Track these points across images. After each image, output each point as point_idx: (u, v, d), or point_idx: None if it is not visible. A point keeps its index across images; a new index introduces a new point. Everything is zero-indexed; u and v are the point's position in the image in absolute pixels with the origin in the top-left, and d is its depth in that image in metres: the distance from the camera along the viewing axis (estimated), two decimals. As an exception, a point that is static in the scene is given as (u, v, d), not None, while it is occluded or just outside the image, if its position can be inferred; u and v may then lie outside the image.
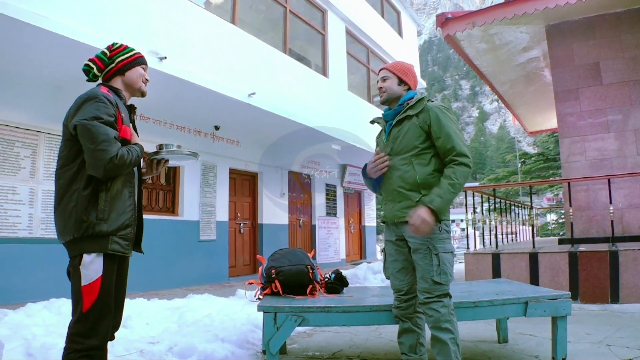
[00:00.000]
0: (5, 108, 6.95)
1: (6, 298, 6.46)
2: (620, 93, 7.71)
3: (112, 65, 2.53)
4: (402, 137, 2.97)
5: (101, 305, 2.22)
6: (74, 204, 2.22)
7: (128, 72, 2.55)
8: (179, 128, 9.72)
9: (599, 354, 3.79)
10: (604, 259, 6.32)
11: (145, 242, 2.55)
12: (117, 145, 2.22)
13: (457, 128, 2.93)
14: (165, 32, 7.56)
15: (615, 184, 7.18)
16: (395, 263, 3.07)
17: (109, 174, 2.21)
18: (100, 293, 2.21)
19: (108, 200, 2.26)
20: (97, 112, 2.22)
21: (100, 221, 2.22)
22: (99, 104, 2.25)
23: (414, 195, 2.88)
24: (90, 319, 2.19)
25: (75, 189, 2.24)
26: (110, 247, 2.24)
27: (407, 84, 3.11)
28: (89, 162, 2.19)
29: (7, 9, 5.40)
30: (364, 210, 18.27)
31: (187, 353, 3.84)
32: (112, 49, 2.57)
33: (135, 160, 2.31)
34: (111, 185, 2.28)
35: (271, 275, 3.85)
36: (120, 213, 2.29)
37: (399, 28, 18.09)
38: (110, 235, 2.24)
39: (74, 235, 2.22)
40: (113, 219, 2.25)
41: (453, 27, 8.02)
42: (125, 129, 2.37)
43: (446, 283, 2.82)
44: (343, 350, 4.22)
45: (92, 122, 2.18)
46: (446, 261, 2.84)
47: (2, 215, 6.85)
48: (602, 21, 7.95)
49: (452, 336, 2.77)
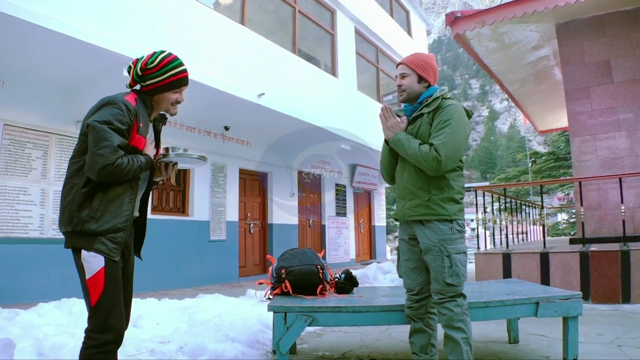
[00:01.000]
0: (16, 109, 7.01)
1: (18, 298, 6.52)
2: (632, 91, 7.65)
3: (144, 84, 2.48)
4: (414, 135, 2.95)
5: (109, 297, 2.22)
6: (71, 198, 2.25)
7: (157, 96, 2.51)
8: (189, 129, 9.76)
9: (610, 354, 3.76)
10: (615, 258, 6.27)
11: (156, 242, 2.58)
12: (118, 153, 2.19)
13: (460, 133, 2.83)
14: (174, 34, 7.59)
15: (627, 183, 7.13)
16: (407, 262, 3.06)
17: (103, 179, 2.20)
18: (105, 284, 2.21)
19: (103, 201, 2.24)
20: (110, 117, 2.21)
21: (90, 219, 2.21)
22: (115, 109, 2.24)
23: (423, 194, 2.87)
24: (101, 312, 2.20)
25: (75, 183, 2.26)
26: (95, 247, 2.21)
27: (427, 80, 3.03)
28: (87, 163, 2.19)
29: (19, 11, 5.45)
30: (373, 210, 18.26)
31: (198, 353, 3.85)
32: (145, 68, 2.46)
33: (135, 170, 2.28)
34: (110, 188, 2.27)
35: (281, 275, 3.85)
36: (114, 216, 2.26)
37: (408, 27, 18.05)
38: (99, 235, 2.21)
39: (66, 228, 2.26)
40: (104, 220, 2.23)
41: (462, 26, 8.00)
42: (139, 139, 2.36)
43: (458, 284, 2.80)
44: (353, 350, 4.22)
45: (102, 125, 2.18)
46: (458, 262, 2.81)
47: (14, 216, 6.92)
48: (613, 19, 7.89)
49: (465, 336, 2.76)
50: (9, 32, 5.86)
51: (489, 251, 7.46)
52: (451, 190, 2.87)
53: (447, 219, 2.84)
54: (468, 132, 2.93)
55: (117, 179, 2.24)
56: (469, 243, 31.65)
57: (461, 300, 2.82)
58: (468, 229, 59.78)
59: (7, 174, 6.91)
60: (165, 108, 2.57)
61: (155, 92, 2.49)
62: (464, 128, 2.87)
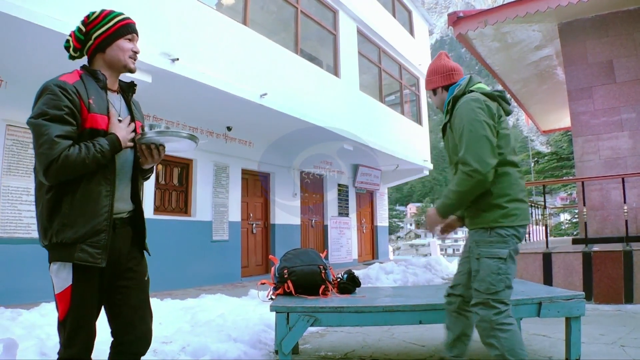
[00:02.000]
0: (18, 109, 7.02)
1: (20, 298, 6.53)
2: (634, 91, 7.64)
3: (90, 42, 2.14)
4: (446, 145, 2.95)
5: (75, 317, 1.99)
6: (40, 208, 2.01)
7: (108, 48, 2.14)
8: (191, 129, 9.77)
9: (613, 354, 3.76)
10: (618, 259, 6.27)
11: (158, 243, 2.36)
12: (60, 145, 1.89)
13: (473, 130, 2.62)
14: (177, 34, 7.59)
15: (630, 183, 7.11)
16: (462, 256, 3.01)
17: (57, 178, 1.92)
18: (71, 304, 1.98)
19: (73, 203, 1.96)
20: (43, 107, 1.93)
21: (64, 227, 1.95)
22: (48, 96, 1.95)
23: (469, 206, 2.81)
24: (67, 328, 1.99)
25: (40, 193, 2.02)
26: (77, 257, 1.95)
27: (439, 88, 2.98)
28: (35, 168, 1.97)
29: (19, 11, 5.46)
30: (376, 210, 18.25)
31: (200, 353, 3.86)
32: (88, 22, 2.14)
33: (95, 158, 1.95)
34: (77, 186, 1.98)
35: (284, 275, 3.86)
36: (90, 217, 1.97)
37: (411, 27, 18.02)
38: (77, 242, 1.95)
39: (43, 242, 2.03)
40: (80, 225, 1.96)
41: (465, 26, 8.01)
42: (93, 117, 2.01)
43: (485, 292, 2.60)
44: (355, 351, 4.22)
45: (37, 120, 1.92)
46: (487, 267, 2.62)
47: (17, 216, 6.93)
48: (615, 19, 7.87)
49: (498, 352, 2.54)
50: (9, 32, 5.87)
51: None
52: (489, 196, 2.69)
53: (484, 227, 2.69)
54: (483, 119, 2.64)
55: (74, 173, 1.94)
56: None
57: (485, 313, 2.60)
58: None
59: (10, 174, 6.92)
60: (122, 65, 2.18)
61: (105, 44, 2.13)
62: (476, 122, 2.64)
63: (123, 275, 2.16)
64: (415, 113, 17.87)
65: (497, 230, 2.64)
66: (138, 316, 2.18)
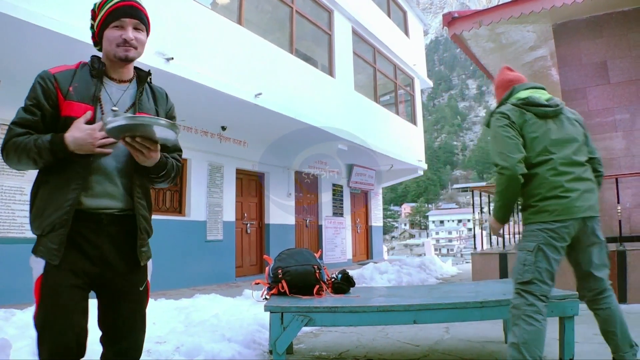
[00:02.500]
0: (14, 109, 6.97)
1: (14, 298, 6.49)
2: (628, 92, 7.66)
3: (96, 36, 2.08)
4: None
5: (43, 313, 1.84)
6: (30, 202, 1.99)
7: (102, 40, 2.04)
8: (186, 129, 9.74)
9: (607, 354, 3.75)
10: (611, 259, 6.28)
11: (152, 242, 2.10)
12: (13, 131, 1.87)
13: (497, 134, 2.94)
14: (172, 33, 7.58)
15: (623, 183, 7.13)
16: None
17: (8, 163, 1.92)
18: (41, 297, 1.84)
19: (44, 196, 1.90)
20: (25, 100, 1.94)
21: (35, 219, 1.90)
22: (30, 88, 1.94)
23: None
24: (37, 325, 1.85)
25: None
26: (38, 250, 1.88)
27: (499, 97, 3.26)
28: None
29: (19, 11, 5.45)
30: (370, 211, 18.28)
31: (194, 353, 3.85)
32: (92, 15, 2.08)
33: (32, 151, 1.83)
34: (50, 178, 1.91)
35: (278, 275, 3.85)
36: (54, 210, 1.85)
37: (406, 28, 18.06)
38: (42, 236, 1.87)
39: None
40: (45, 217, 1.86)
41: (460, 26, 8.02)
42: (69, 105, 1.90)
43: (515, 281, 2.87)
44: (350, 351, 4.22)
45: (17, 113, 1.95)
46: (517, 259, 2.91)
47: (10, 216, 6.90)
48: (610, 19, 7.90)
49: (514, 341, 2.69)
50: (9, 32, 5.85)
51: (486, 251, 7.47)
52: (524, 198, 2.98)
53: (524, 224, 2.98)
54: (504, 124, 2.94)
55: (20, 160, 1.87)
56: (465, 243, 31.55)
57: (516, 301, 2.82)
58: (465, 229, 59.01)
59: (4, 173, 6.89)
60: (112, 55, 2.01)
61: (100, 37, 2.04)
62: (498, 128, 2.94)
63: (114, 280, 1.98)
64: (409, 113, 17.90)
65: (529, 226, 2.90)
66: (127, 327, 2.02)
